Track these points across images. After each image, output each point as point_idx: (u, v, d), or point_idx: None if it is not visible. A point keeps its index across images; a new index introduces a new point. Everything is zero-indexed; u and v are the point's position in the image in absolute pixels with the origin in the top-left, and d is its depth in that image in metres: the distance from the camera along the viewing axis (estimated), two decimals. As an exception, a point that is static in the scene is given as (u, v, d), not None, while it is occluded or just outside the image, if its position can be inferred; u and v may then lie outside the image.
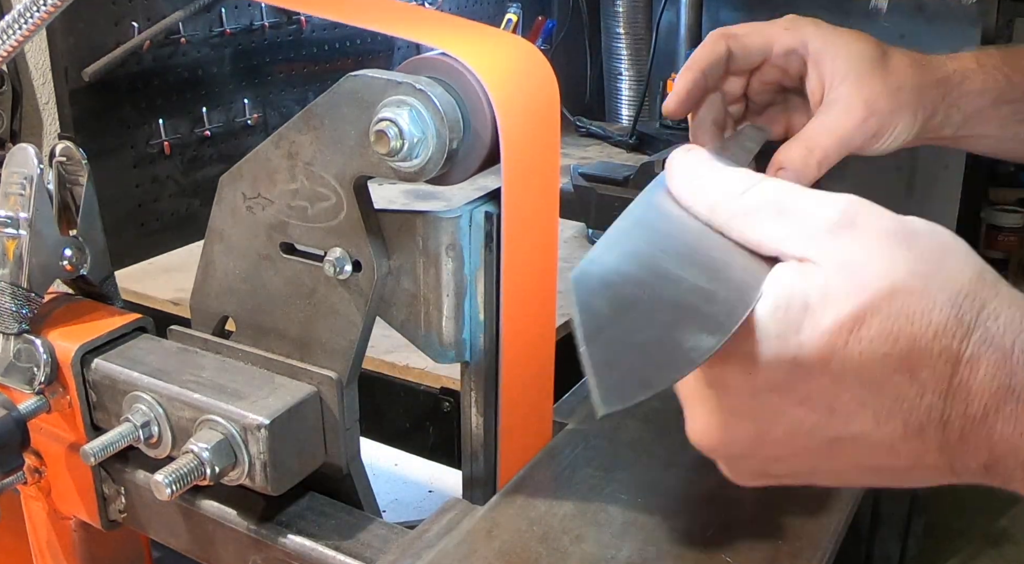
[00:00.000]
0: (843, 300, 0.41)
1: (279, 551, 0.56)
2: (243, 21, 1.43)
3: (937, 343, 0.41)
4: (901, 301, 0.41)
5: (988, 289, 0.42)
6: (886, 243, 0.43)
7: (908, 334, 0.41)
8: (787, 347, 0.42)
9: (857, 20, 1.87)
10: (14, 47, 0.61)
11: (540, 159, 0.54)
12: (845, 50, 0.72)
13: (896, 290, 0.41)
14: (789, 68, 0.73)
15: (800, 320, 0.42)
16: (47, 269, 0.61)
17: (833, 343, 0.41)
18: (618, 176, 1.36)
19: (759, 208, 0.45)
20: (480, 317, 0.56)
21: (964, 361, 0.41)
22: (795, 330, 0.42)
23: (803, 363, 0.42)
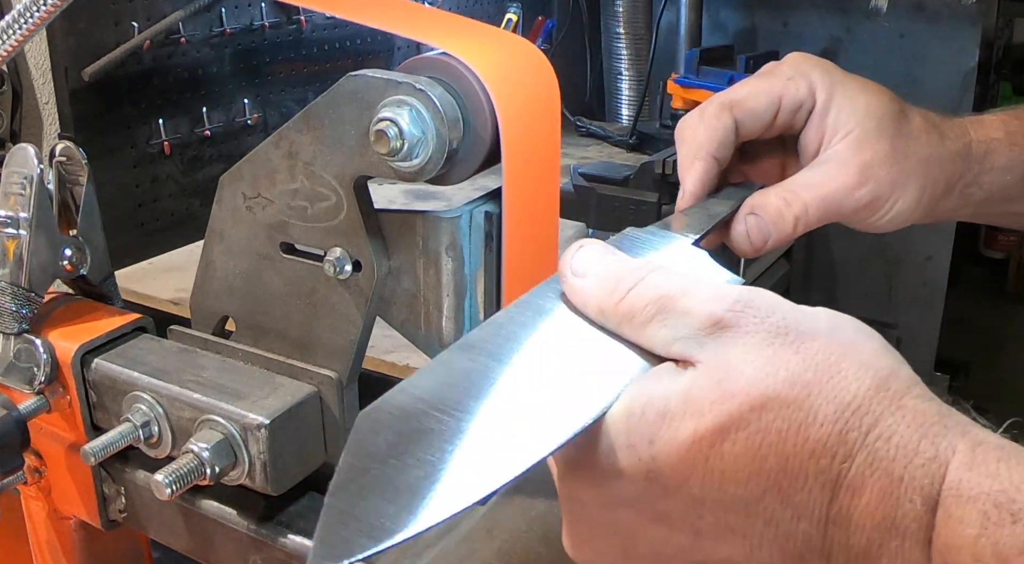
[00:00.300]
0: (706, 410, 0.37)
1: (279, 551, 0.56)
2: (243, 21, 1.43)
3: (813, 463, 0.36)
4: (774, 414, 0.36)
5: (887, 403, 0.36)
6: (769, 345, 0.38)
7: (779, 452, 0.36)
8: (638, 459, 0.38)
9: (857, 20, 1.87)
10: (14, 47, 0.61)
11: (540, 159, 0.54)
12: (851, 103, 0.62)
13: (768, 400, 0.36)
14: (796, 123, 0.64)
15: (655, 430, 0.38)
16: (47, 269, 0.61)
17: (692, 458, 0.37)
18: (618, 176, 1.36)
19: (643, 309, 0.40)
20: (480, 317, 0.56)
21: (844, 486, 0.36)
22: (648, 440, 0.38)
23: (657, 478, 0.38)
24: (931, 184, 0.63)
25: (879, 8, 1.56)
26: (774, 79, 0.63)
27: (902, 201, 0.62)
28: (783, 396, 0.37)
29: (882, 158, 0.61)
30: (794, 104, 0.63)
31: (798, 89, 0.63)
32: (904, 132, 0.62)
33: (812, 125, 0.63)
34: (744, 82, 0.65)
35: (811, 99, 0.63)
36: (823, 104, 0.63)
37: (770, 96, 0.63)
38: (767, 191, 0.61)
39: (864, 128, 0.61)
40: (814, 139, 0.63)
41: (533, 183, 0.54)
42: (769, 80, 0.63)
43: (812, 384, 0.37)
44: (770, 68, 0.66)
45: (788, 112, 0.63)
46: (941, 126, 0.65)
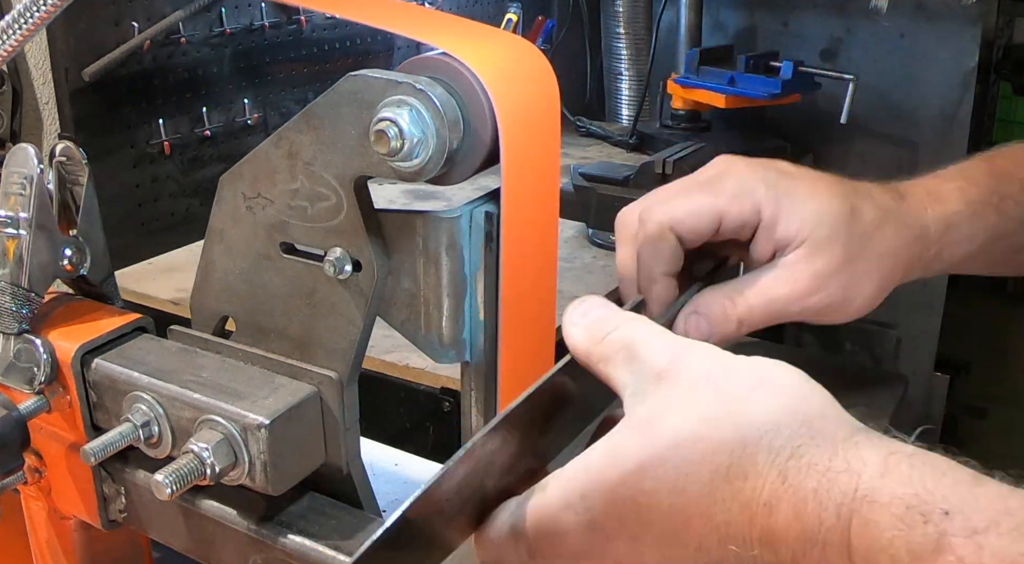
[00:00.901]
0: (628, 455, 0.41)
1: (279, 551, 0.56)
2: (243, 21, 1.43)
3: (728, 487, 0.39)
4: (688, 448, 0.40)
5: (796, 425, 0.39)
6: (692, 390, 0.41)
7: (697, 481, 0.39)
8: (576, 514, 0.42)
9: (857, 20, 1.87)
10: (14, 47, 0.61)
11: (540, 159, 0.54)
12: (800, 213, 0.61)
13: (684, 438, 0.40)
14: (742, 236, 0.63)
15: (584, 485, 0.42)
16: (47, 269, 0.61)
17: (621, 500, 0.40)
18: (618, 176, 1.36)
19: (615, 352, 0.45)
20: (480, 317, 0.56)
21: (761, 504, 0.38)
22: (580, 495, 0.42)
23: (597, 527, 0.41)
24: (888, 276, 0.63)
25: (879, 8, 1.56)
26: (718, 196, 0.61)
27: (858, 300, 0.62)
28: (696, 431, 0.40)
29: (834, 266, 0.60)
30: (736, 223, 0.62)
31: (741, 210, 0.61)
32: (857, 233, 0.61)
33: (760, 239, 0.62)
34: (686, 192, 0.62)
35: (755, 217, 0.61)
36: (769, 220, 0.61)
37: (712, 215, 0.61)
38: (714, 290, 0.61)
39: (815, 238, 0.60)
40: (764, 250, 0.62)
41: (533, 183, 0.54)
42: (713, 196, 0.61)
43: (723, 417, 0.40)
44: (714, 177, 0.63)
45: (731, 230, 0.62)
46: (897, 212, 0.64)
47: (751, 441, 0.39)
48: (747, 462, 0.39)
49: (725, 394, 0.41)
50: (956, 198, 0.67)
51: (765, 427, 0.39)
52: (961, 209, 0.66)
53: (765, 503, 0.38)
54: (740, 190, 0.61)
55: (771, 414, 0.40)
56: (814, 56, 1.90)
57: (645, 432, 0.41)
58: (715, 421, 0.40)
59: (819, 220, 0.61)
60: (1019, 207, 0.68)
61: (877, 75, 1.83)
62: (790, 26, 1.96)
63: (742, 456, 0.39)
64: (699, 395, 0.41)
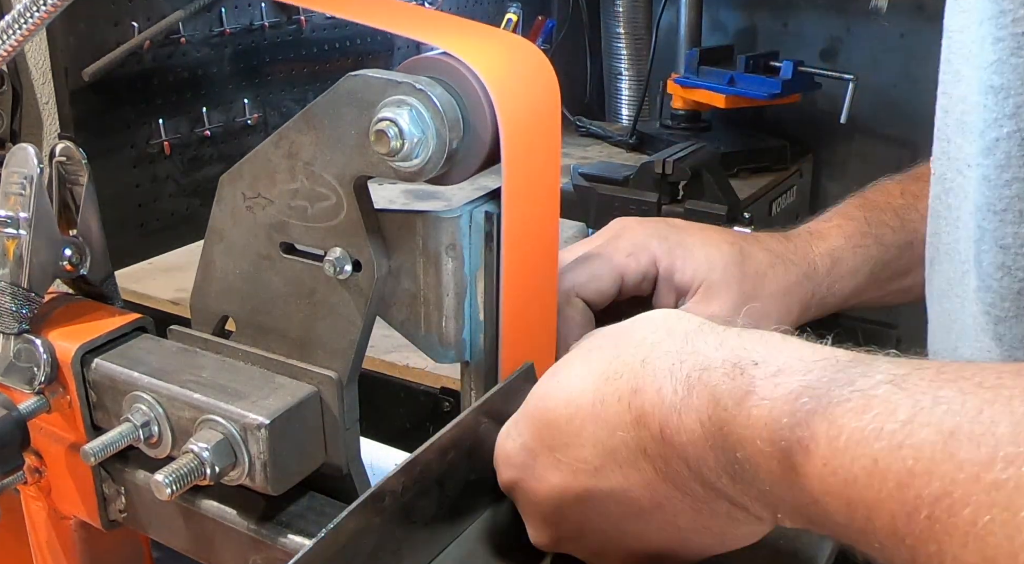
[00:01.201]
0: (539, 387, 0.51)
1: (279, 551, 0.56)
2: (243, 21, 1.43)
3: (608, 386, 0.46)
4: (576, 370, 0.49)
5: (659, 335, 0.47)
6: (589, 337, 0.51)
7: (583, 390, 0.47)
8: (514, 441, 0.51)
9: (857, 20, 1.87)
10: (14, 47, 0.61)
11: (541, 159, 0.54)
12: (693, 261, 0.67)
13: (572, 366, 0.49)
14: (644, 289, 0.69)
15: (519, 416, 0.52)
16: (47, 269, 0.61)
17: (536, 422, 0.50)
18: (618, 176, 1.36)
19: None
20: (480, 317, 0.56)
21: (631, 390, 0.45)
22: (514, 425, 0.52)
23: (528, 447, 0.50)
24: (785, 313, 0.69)
25: (879, 8, 1.56)
26: (614, 256, 0.67)
27: None
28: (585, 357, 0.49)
29: (730, 307, 0.66)
30: (636, 278, 0.68)
31: (638, 265, 0.67)
32: (749, 274, 0.67)
33: (661, 289, 0.68)
34: (585, 260, 0.67)
35: (653, 268, 0.68)
36: (666, 270, 0.67)
37: (612, 275, 0.67)
38: None
39: (709, 282, 0.66)
40: (667, 300, 0.68)
41: (533, 183, 0.54)
42: (609, 259, 0.67)
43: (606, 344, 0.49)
44: (609, 240, 0.69)
45: (632, 286, 0.68)
46: (784, 253, 0.70)
47: (623, 347, 0.47)
48: (619, 363, 0.47)
49: (602, 337, 0.50)
50: (836, 234, 0.74)
51: (633, 337, 0.48)
52: (842, 243, 0.73)
53: (634, 389, 0.45)
54: (634, 247, 0.68)
55: (642, 330, 0.48)
56: (814, 56, 1.89)
57: (552, 371, 0.51)
58: (596, 348, 0.49)
59: (711, 265, 0.67)
60: (895, 234, 0.75)
61: (877, 75, 1.83)
62: (790, 26, 1.96)
63: (616, 361, 0.47)
64: (582, 344, 0.51)
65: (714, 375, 0.42)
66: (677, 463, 0.44)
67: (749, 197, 1.54)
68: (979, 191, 0.54)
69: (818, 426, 0.37)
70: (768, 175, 1.65)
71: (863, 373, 0.38)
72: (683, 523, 0.47)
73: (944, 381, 0.36)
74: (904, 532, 0.35)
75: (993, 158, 0.52)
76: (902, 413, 0.36)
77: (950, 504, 0.33)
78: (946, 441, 0.34)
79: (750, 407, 0.40)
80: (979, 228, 0.54)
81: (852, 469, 0.36)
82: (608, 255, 0.68)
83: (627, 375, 0.46)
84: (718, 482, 0.43)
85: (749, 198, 1.53)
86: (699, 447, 0.43)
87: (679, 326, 0.47)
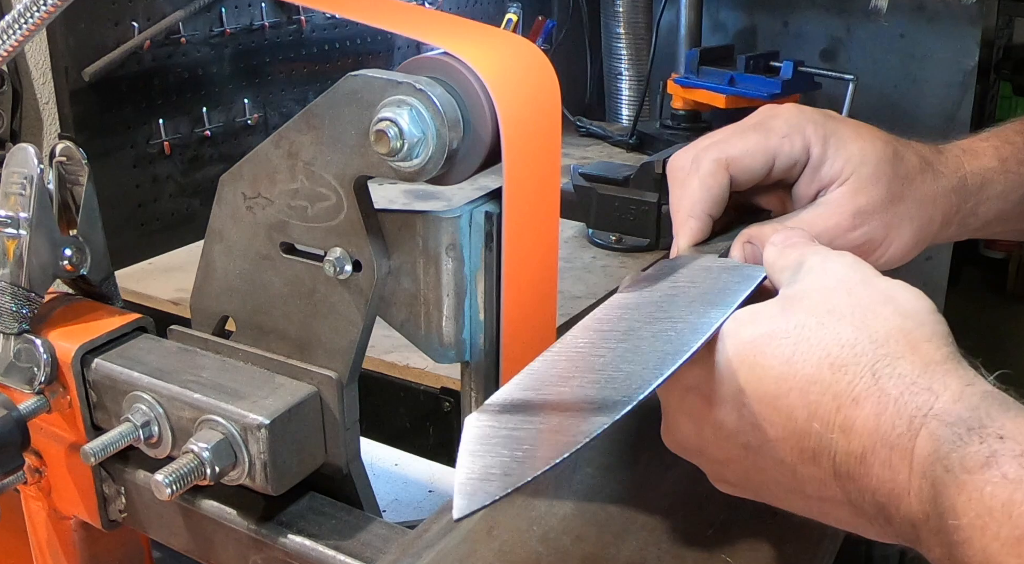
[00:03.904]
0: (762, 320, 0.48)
1: (279, 551, 0.56)
2: (243, 21, 1.43)
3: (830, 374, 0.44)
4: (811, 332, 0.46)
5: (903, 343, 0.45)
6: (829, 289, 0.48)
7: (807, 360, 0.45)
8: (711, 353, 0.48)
9: (857, 20, 1.87)
10: (14, 47, 0.61)
11: (541, 159, 0.54)
12: (845, 152, 0.64)
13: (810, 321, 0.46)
14: (791, 177, 0.66)
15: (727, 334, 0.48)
16: (47, 269, 0.61)
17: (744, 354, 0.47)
18: (618, 176, 1.36)
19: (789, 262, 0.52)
20: (480, 317, 0.56)
21: (850, 398, 0.43)
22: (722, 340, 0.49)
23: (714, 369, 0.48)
24: (927, 223, 0.66)
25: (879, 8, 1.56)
26: (769, 136, 0.64)
27: (897, 243, 0.64)
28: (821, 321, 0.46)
29: (877, 203, 0.63)
30: (789, 162, 0.64)
31: (793, 147, 0.64)
32: (900, 175, 0.64)
33: (805, 178, 0.64)
34: (739, 134, 0.65)
35: (805, 155, 0.64)
36: (817, 158, 0.64)
37: (766, 155, 0.63)
38: (762, 224, 0.63)
39: (859, 175, 0.63)
40: (808, 190, 0.65)
41: (533, 183, 0.54)
42: (765, 136, 0.64)
43: (847, 316, 0.46)
44: (764, 119, 0.66)
45: (783, 169, 0.64)
46: (936, 163, 0.67)
47: (861, 342, 0.45)
48: (850, 357, 0.44)
49: (855, 300, 0.47)
50: (991, 155, 0.69)
51: (877, 335, 0.45)
52: (996, 165, 0.68)
53: (853, 397, 0.43)
54: (790, 129, 0.64)
55: (887, 327, 0.45)
56: (814, 56, 1.90)
57: (784, 307, 0.48)
58: (839, 317, 0.46)
59: (863, 159, 0.63)
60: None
61: (877, 75, 1.83)
62: (790, 26, 1.96)
63: (850, 351, 0.44)
64: (833, 294, 0.47)
65: (945, 430, 0.40)
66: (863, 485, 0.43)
67: (749, 197, 1.53)
68: None
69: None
70: (768, 175, 1.65)
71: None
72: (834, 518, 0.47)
73: None
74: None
75: None
76: None
77: None
78: None
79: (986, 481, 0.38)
80: None
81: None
82: (763, 135, 0.64)
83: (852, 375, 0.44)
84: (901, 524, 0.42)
85: (749, 198, 1.53)
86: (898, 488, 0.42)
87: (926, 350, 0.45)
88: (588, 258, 1.32)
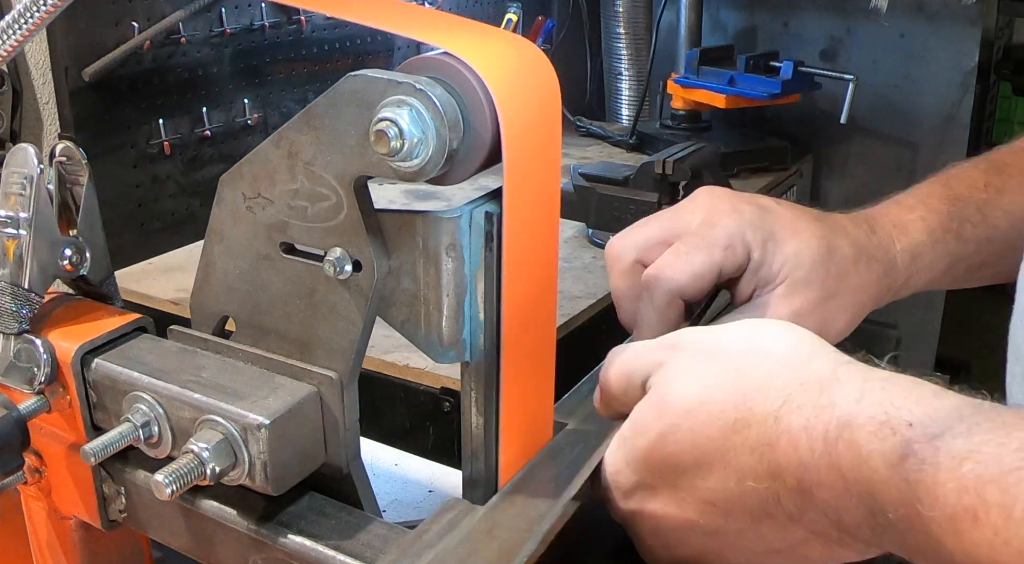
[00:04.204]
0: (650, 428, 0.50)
1: (279, 551, 0.56)
2: (243, 21, 1.43)
3: (737, 436, 0.46)
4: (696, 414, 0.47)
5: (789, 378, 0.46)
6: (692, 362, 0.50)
7: (710, 437, 0.47)
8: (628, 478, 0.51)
9: (857, 20, 1.87)
10: (14, 47, 0.61)
11: (541, 159, 0.54)
12: (781, 255, 0.66)
13: (690, 407, 0.48)
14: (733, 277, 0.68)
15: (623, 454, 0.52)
16: (47, 269, 0.61)
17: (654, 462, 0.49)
18: (618, 176, 1.37)
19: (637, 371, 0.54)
20: (480, 317, 0.56)
21: (764, 445, 0.45)
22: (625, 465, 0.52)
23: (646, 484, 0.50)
24: (860, 310, 0.68)
25: (879, 8, 1.56)
26: (712, 251, 0.65)
27: (832, 332, 0.67)
28: (701, 396, 0.48)
29: (810, 305, 0.65)
30: (733, 270, 0.66)
31: (736, 256, 0.65)
32: (833, 274, 0.66)
33: (745, 278, 0.67)
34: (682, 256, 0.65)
35: (747, 260, 0.66)
36: (756, 262, 0.66)
37: (712, 272, 0.65)
38: None
39: (794, 278, 0.65)
40: (747, 289, 0.67)
41: (533, 183, 0.54)
42: (708, 254, 0.65)
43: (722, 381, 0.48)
44: (704, 230, 0.66)
45: (726, 277, 0.66)
46: (868, 247, 0.69)
47: (749, 396, 0.46)
48: (748, 414, 0.46)
49: (721, 360, 0.49)
50: (919, 228, 0.72)
51: (759, 382, 0.46)
52: (924, 239, 0.71)
53: (767, 443, 0.45)
54: (731, 239, 0.65)
55: (764, 370, 0.47)
56: (814, 56, 1.90)
57: (658, 405, 0.49)
58: (716, 386, 0.47)
59: (798, 262, 0.65)
60: (976, 229, 0.74)
61: (877, 75, 1.83)
62: (790, 26, 1.96)
63: (743, 410, 0.46)
64: (699, 365, 0.49)
65: (858, 433, 0.42)
66: (814, 513, 0.44)
67: (749, 197, 1.53)
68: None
69: (989, 495, 0.37)
70: (768, 175, 1.66)
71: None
72: (815, 556, 0.47)
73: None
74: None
75: None
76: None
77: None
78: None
79: (907, 471, 0.40)
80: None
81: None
82: (707, 250, 0.65)
83: (757, 427, 0.45)
84: (859, 531, 0.43)
85: (749, 198, 1.53)
86: (842, 501, 0.43)
87: (810, 370, 0.46)
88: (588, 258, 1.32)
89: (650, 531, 0.51)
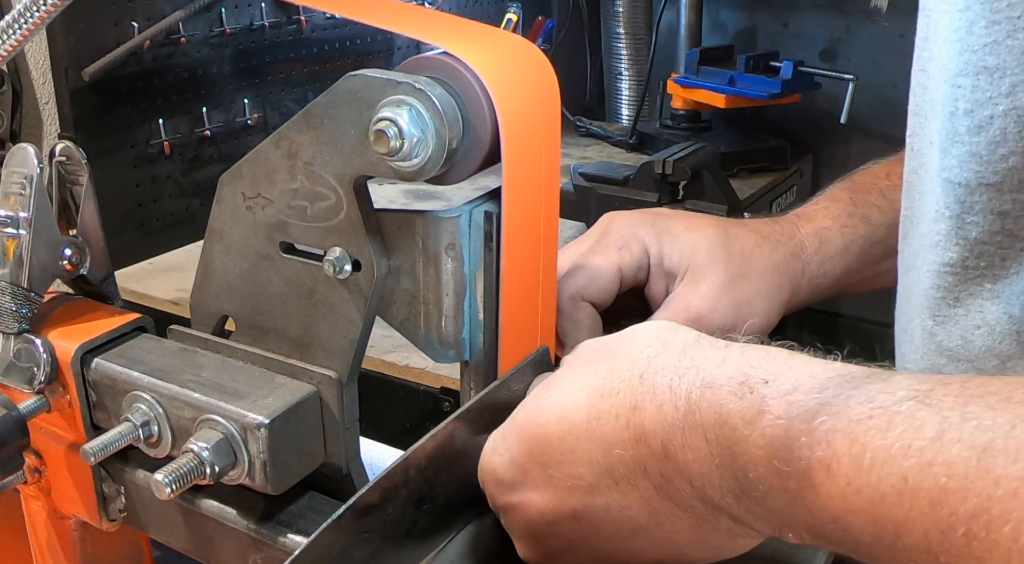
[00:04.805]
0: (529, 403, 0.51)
1: (279, 551, 0.56)
2: (243, 21, 1.44)
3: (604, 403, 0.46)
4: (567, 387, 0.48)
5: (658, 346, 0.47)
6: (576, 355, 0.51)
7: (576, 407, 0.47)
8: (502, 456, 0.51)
9: (857, 20, 1.87)
10: (14, 47, 0.61)
11: (541, 159, 0.54)
12: (678, 246, 0.68)
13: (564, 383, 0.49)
14: (641, 280, 0.70)
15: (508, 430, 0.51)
16: (47, 269, 0.61)
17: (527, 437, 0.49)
18: (618, 176, 1.37)
19: None
20: (480, 317, 0.56)
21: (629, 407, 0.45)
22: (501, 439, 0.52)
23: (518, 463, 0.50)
24: (776, 291, 0.69)
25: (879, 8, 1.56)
26: (608, 252, 0.68)
27: (756, 316, 0.68)
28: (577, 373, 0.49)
29: (718, 285, 0.67)
30: (634, 267, 0.68)
31: (632, 254, 0.68)
32: (735, 253, 0.68)
33: (653, 277, 0.69)
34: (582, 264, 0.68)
35: (645, 257, 0.68)
36: (656, 257, 0.68)
37: (611, 271, 0.68)
38: None
39: (695, 264, 0.67)
40: (659, 290, 0.69)
41: (533, 183, 0.54)
42: (604, 255, 0.68)
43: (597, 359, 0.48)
44: (600, 237, 0.70)
45: (631, 277, 0.69)
46: (771, 234, 0.71)
47: (617, 361, 0.47)
48: (614, 379, 0.46)
49: (600, 345, 0.50)
50: (823, 215, 0.74)
51: (627, 352, 0.47)
52: (829, 224, 0.73)
53: (632, 406, 0.45)
54: (624, 239, 0.68)
55: (636, 343, 0.48)
56: (814, 56, 1.90)
57: (544, 386, 0.51)
58: (592, 361, 0.48)
59: (695, 248, 0.68)
60: (883, 214, 0.75)
61: (877, 75, 1.83)
62: (790, 26, 1.96)
63: (610, 375, 0.46)
64: (579, 355, 0.51)
65: (719, 393, 0.42)
66: (679, 481, 0.44)
67: (749, 197, 1.54)
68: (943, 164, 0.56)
69: (839, 445, 0.37)
70: (768, 175, 1.66)
71: (883, 390, 0.38)
72: (681, 539, 0.46)
73: (970, 396, 0.36)
74: (939, 549, 0.34)
75: (986, 135, 0.54)
76: (930, 430, 0.35)
77: (988, 521, 0.33)
78: (980, 457, 0.34)
79: (763, 427, 0.40)
80: None
81: (879, 488, 0.36)
82: (603, 253, 0.68)
83: (624, 391, 0.45)
84: (722, 501, 0.43)
85: (749, 198, 1.53)
86: (704, 465, 0.42)
87: (675, 338, 0.47)
88: (588, 258, 1.31)
89: (523, 523, 0.51)
